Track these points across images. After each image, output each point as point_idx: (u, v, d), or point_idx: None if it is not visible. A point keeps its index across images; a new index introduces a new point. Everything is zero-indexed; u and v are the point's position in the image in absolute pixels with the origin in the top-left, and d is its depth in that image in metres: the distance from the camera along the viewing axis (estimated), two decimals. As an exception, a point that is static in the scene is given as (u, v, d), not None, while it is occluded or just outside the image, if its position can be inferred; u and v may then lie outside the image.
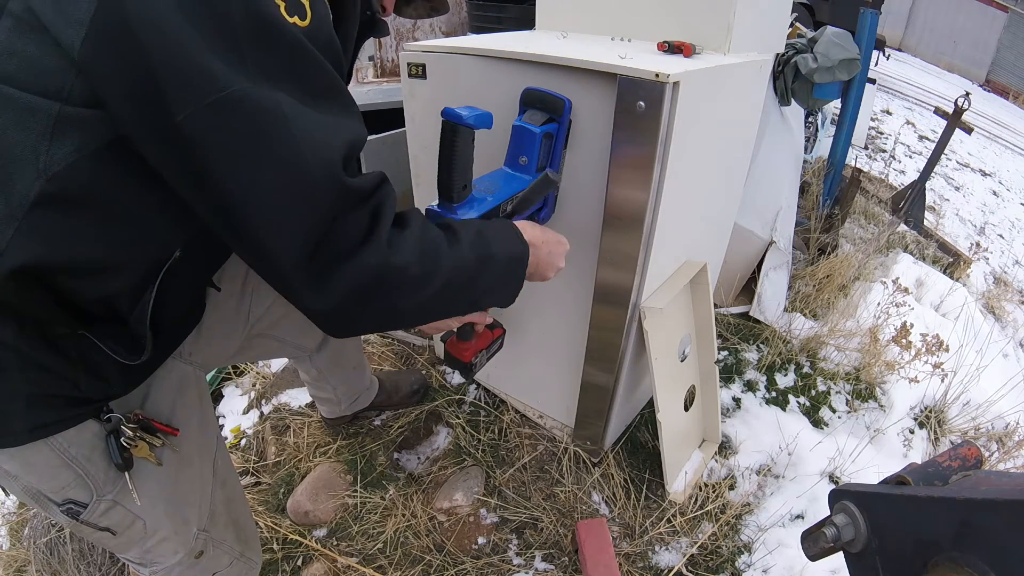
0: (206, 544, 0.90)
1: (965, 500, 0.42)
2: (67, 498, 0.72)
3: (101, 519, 0.75)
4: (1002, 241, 3.86)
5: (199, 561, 0.90)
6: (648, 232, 1.06)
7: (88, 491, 0.72)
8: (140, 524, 0.80)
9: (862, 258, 2.32)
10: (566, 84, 1.01)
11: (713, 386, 1.51)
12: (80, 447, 0.70)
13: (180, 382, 0.85)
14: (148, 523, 0.80)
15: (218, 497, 0.93)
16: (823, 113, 3.45)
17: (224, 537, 0.95)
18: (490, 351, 1.06)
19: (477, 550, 1.32)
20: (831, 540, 0.52)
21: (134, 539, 0.80)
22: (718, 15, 1.15)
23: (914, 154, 4.83)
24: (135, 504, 0.77)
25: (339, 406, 1.49)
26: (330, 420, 1.56)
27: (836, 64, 1.96)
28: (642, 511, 1.38)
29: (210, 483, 0.91)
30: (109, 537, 0.78)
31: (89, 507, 0.73)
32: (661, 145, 0.95)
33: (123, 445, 0.72)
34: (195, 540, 0.88)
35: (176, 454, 0.82)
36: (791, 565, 1.28)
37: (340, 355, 1.34)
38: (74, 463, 0.70)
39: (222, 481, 0.94)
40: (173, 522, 0.84)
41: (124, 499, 0.76)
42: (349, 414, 1.54)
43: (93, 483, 0.72)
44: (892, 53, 8.26)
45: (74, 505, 0.72)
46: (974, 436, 1.75)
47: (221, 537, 0.94)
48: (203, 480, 0.90)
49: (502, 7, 2.74)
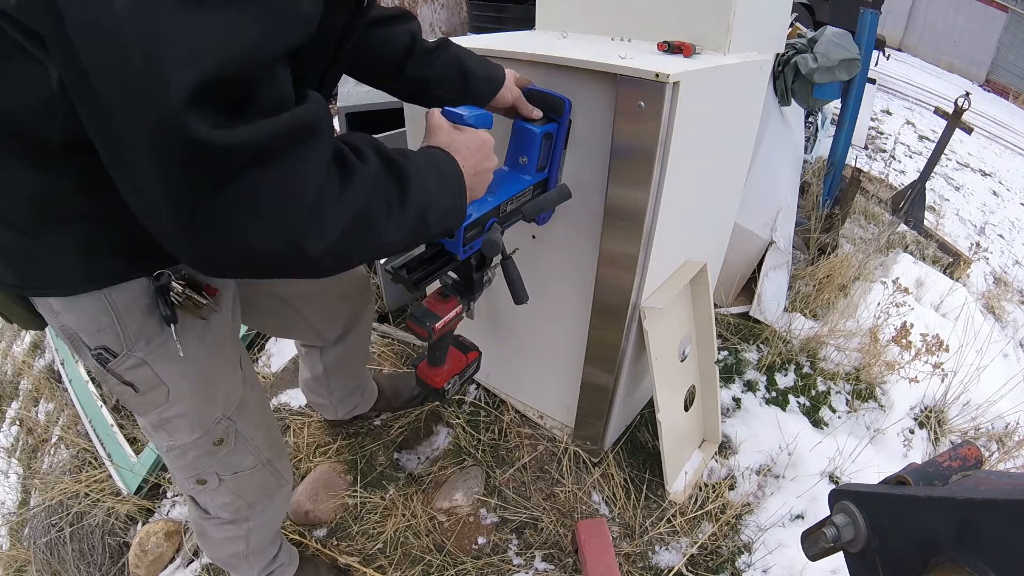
0: (227, 433, 0.88)
1: (965, 500, 0.42)
2: (100, 344, 0.71)
3: (127, 373, 0.75)
4: (1002, 241, 3.86)
5: (218, 449, 0.88)
6: (648, 232, 1.06)
7: (120, 342, 0.72)
8: (163, 390, 0.78)
9: (862, 258, 2.32)
10: (566, 84, 1.01)
11: (713, 386, 1.51)
12: (123, 299, 0.70)
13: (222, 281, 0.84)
14: (172, 391, 0.79)
15: (249, 394, 0.92)
16: (823, 113, 3.45)
17: (252, 436, 0.92)
18: (464, 376, 1.04)
19: (477, 550, 1.32)
20: (831, 540, 0.52)
21: (154, 402, 0.79)
22: (718, 15, 1.15)
23: (914, 154, 4.83)
24: (164, 367, 0.76)
25: (335, 412, 1.48)
26: (329, 421, 1.56)
27: (836, 64, 1.96)
28: (642, 511, 1.38)
29: (240, 375, 0.89)
30: (131, 394, 0.77)
31: (119, 358, 0.73)
32: (661, 145, 0.95)
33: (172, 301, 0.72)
34: (216, 424, 0.86)
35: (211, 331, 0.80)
36: (791, 565, 1.28)
37: (351, 357, 1.32)
38: (114, 312, 0.70)
39: (251, 383, 0.93)
40: (196, 400, 0.82)
41: (153, 360, 0.75)
42: (347, 419, 1.54)
43: (126, 336, 0.72)
44: (892, 53, 8.25)
45: (105, 352, 0.72)
46: (974, 436, 1.75)
47: (249, 434, 0.91)
48: (233, 368, 0.88)
49: (502, 7, 2.75)
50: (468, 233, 0.81)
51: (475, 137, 0.75)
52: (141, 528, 1.49)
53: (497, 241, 0.84)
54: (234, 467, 0.92)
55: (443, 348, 0.98)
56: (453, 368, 1.01)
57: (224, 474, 0.91)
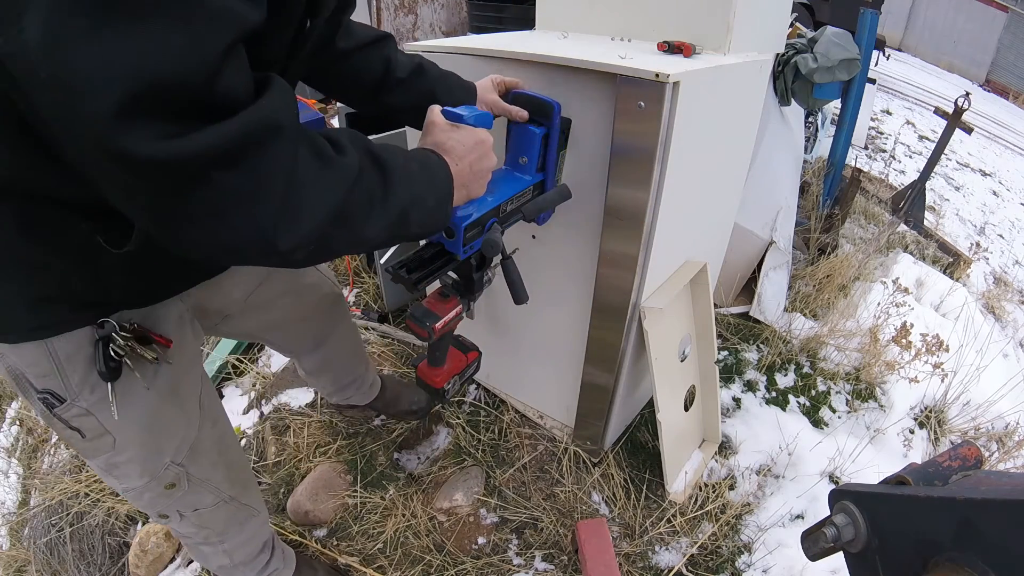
0: (178, 478, 0.87)
1: (965, 500, 0.42)
2: (47, 388, 0.70)
3: (73, 420, 0.74)
4: (1002, 241, 3.86)
5: (171, 492, 0.87)
6: (648, 232, 1.06)
7: (64, 390, 0.71)
8: (109, 439, 0.77)
9: (862, 258, 2.32)
10: (566, 84, 1.01)
11: (713, 386, 1.51)
12: (65, 349, 0.69)
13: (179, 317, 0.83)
14: (117, 440, 0.78)
15: (207, 434, 0.90)
16: (823, 113, 3.45)
17: (209, 476, 0.91)
18: (464, 375, 1.04)
19: (477, 550, 1.32)
20: (831, 540, 0.52)
21: (101, 449, 0.78)
22: (718, 15, 1.15)
23: (914, 154, 4.83)
24: (109, 417, 0.74)
25: (332, 398, 1.51)
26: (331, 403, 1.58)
27: (836, 64, 1.96)
28: (642, 511, 1.38)
29: (196, 417, 0.88)
30: (78, 439, 0.76)
31: (64, 404, 0.72)
32: (661, 145, 0.95)
33: (112, 354, 0.70)
34: (165, 470, 0.84)
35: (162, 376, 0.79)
36: (791, 565, 1.28)
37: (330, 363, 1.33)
38: (55, 361, 0.69)
39: (213, 420, 0.91)
40: (144, 448, 0.81)
41: (97, 410, 0.74)
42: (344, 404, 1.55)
43: (68, 386, 0.71)
44: (892, 53, 8.26)
45: (51, 396, 0.71)
46: (974, 436, 1.75)
47: (204, 475, 0.91)
48: (188, 412, 0.86)
49: (502, 7, 2.75)
50: (468, 233, 0.81)
51: (472, 135, 0.74)
52: (141, 528, 1.49)
53: (497, 241, 0.84)
54: (194, 505, 0.92)
55: (443, 348, 0.98)
56: (453, 368, 1.01)
57: (185, 511, 0.92)
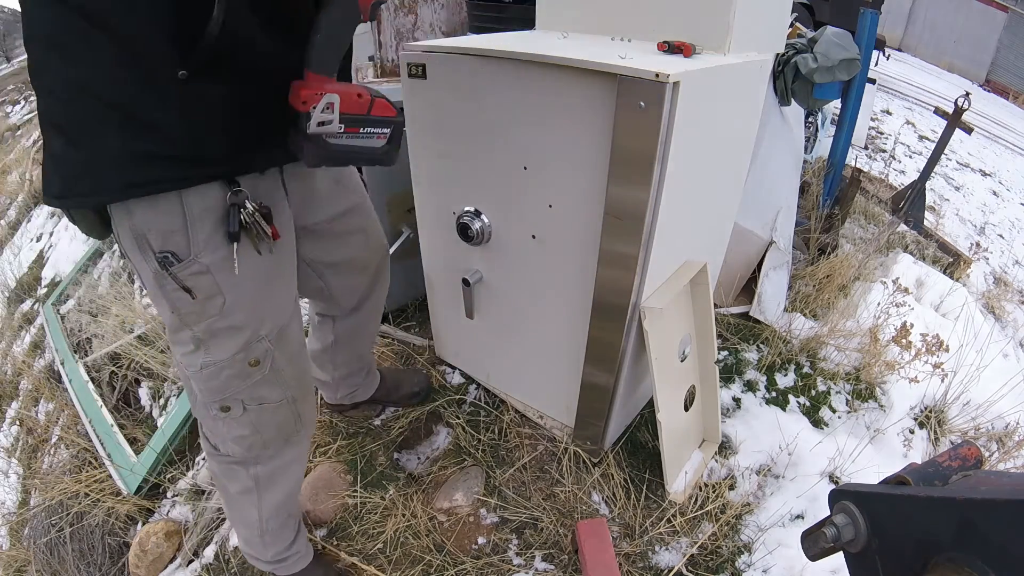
0: (265, 356, 0.91)
1: (965, 500, 0.42)
2: (167, 248, 0.77)
3: (188, 279, 0.79)
4: (1002, 241, 3.86)
5: (252, 372, 0.91)
6: (648, 232, 1.06)
7: (187, 247, 0.78)
8: (219, 300, 0.83)
9: (862, 258, 2.32)
10: (567, 84, 1.01)
11: (713, 386, 1.51)
12: (199, 203, 0.76)
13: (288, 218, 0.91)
14: (227, 302, 0.83)
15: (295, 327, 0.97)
16: (823, 113, 3.45)
17: (285, 367, 0.95)
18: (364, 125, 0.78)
19: (477, 550, 1.32)
20: (831, 540, 0.52)
21: (207, 312, 0.83)
22: (718, 15, 1.15)
23: (914, 154, 4.82)
24: (226, 278, 0.81)
25: (335, 393, 1.49)
26: (329, 405, 1.57)
27: (836, 64, 1.96)
28: (642, 511, 1.38)
29: (290, 305, 0.95)
30: (187, 300, 0.81)
31: (183, 263, 0.78)
32: (661, 145, 0.95)
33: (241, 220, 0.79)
34: (257, 343, 0.89)
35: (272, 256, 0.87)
36: (791, 565, 1.28)
37: (361, 331, 1.35)
38: (188, 216, 0.76)
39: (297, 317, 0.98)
40: (248, 315, 0.86)
41: (216, 269, 0.80)
42: (348, 404, 1.55)
43: (193, 242, 0.77)
44: (892, 53, 8.25)
45: (170, 256, 0.77)
46: (974, 436, 1.75)
47: (282, 365, 0.95)
48: (286, 297, 0.94)
49: (502, 7, 2.74)
50: None
51: None
52: (141, 528, 1.49)
53: None
54: (261, 397, 0.94)
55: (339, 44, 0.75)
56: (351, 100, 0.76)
57: (249, 403, 0.94)
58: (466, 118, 1.21)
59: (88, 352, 2.14)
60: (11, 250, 3.64)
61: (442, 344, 1.76)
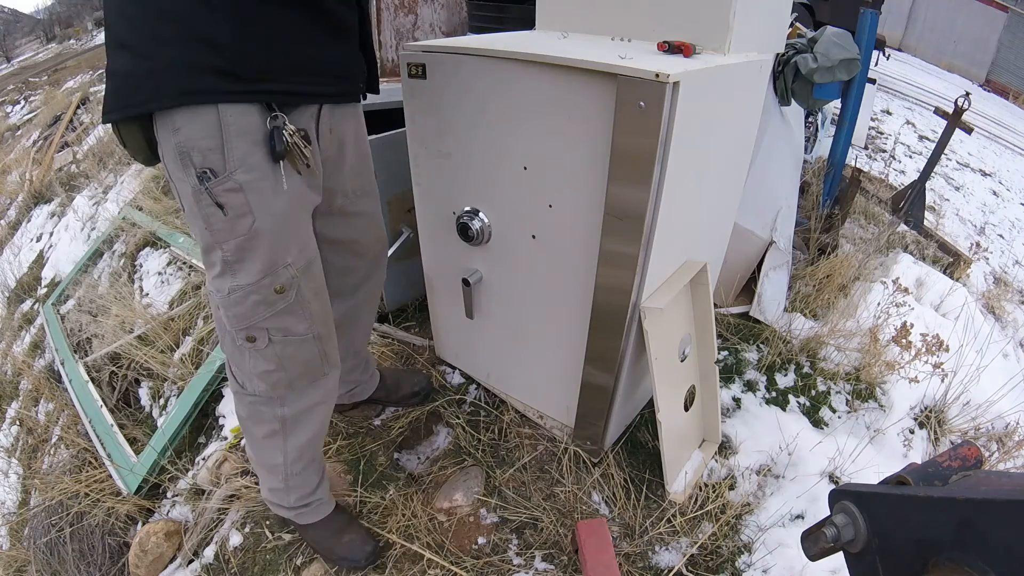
0: (291, 284, 0.93)
1: (965, 500, 0.42)
2: (207, 164, 0.81)
3: (222, 195, 0.83)
4: (1002, 241, 3.86)
5: (278, 299, 0.93)
6: (648, 232, 1.06)
7: (223, 163, 0.81)
8: (249, 220, 0.86)
9: (862, 258, 2.32)
10: (567, 84, 1.01)
11: (713, 386, 1.51)
12: (237, 121, 0.80)
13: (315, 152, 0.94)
14: (257, 222, 0.86)
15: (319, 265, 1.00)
16: (823, 113, 3.45)
17: (310, 301, 0.97)
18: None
19: (477, 550, 1.32)
20: (831, 540, 0.52)
21: (237, 231, 0.86)
22: (718, 15, 1.15)
23: (914, 154, 4.82)
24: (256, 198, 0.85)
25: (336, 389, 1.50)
26: None
27: (836, 64, 1.96)
28: (642, 511, 1.38)
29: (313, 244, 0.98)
30: (219, 217, 0.84)
31: (219, 178, 0.82)
32: (661, 145, 0.95)
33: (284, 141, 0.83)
34: (284, 268, 0.92)
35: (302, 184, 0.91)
36: (791, 565, 1.28)
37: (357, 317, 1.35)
38: (224, 132, 0.80)
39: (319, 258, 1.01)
40: (276, 238, 0.89)
41: (249, 188, 0.84)
42: (348, 403, 1.55)
43: (229, 158, 0.81)
44: (892, 53, 8.25)
45: (209, 172, 0.81)
46: (974, 436, 1.75)
47: (308, 297, 0.96)
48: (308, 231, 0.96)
49: (502, 7, 2.74)
50: None
51: None
52: (141, 528, 1.49)
53: None
54: (286, 329, 0.96)
55: None
56: None
57: (275, 334, 0.95)
58: (466, 118, 1.21)
59: (88, 352, 2.14)
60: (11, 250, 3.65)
61: (442, 344, 1.76)
